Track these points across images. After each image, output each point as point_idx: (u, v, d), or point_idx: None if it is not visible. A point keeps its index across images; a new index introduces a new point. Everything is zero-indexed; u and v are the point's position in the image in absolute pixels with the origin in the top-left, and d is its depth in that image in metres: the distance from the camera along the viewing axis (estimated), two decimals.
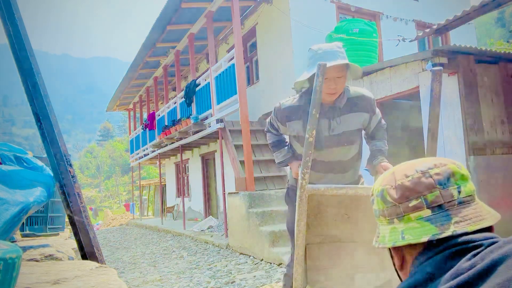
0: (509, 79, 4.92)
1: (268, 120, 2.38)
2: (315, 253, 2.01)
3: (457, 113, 4.54)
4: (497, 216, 0.78)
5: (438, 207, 0.77)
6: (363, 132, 2.32)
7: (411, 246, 0.80)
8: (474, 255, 0.68)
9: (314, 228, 1.98)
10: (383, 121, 2.32)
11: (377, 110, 2.27)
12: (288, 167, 2.35)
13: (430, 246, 0.76)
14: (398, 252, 0.84)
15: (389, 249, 0.87)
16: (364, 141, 2.36)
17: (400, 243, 0.78)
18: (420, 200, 0.78)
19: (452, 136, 4.60)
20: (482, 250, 0.69)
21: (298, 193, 1.77)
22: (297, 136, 2.17)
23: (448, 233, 0.73)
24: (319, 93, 1.64)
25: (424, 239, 0.74)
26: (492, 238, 0.72)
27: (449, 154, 4.64)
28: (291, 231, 2.21)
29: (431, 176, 0.78)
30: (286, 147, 2.32)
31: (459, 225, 0.73)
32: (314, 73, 1.96)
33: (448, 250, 0.72)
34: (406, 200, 0.79)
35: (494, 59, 4.82)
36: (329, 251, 2.03)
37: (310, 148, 1.71)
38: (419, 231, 0.76)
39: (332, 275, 2.03)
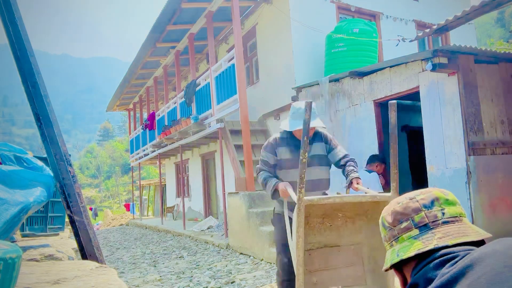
0: (509, 79, 4.92)
1: (258, 166, 2.93)
2: (306, 258, 2.33)
3: (457, 113, 4.53)
4: (483, 234, 0.86)
5: (424, 226, 0.88)
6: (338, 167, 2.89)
7: (407, 265, 0.90)
8: (452, 265, 0.76)
9: (305, 236, 2.30)
10: (350, 156, 2.88)
11: (340, 146, 2.92)
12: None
13: (419, 262, 0.85)
14: (400, 273, 0.94)
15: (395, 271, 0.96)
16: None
17: (396, 260, 0.89)
18: (409, 221, 0.91)
19: (452, 136, 4.60)
20: (459, 260, 0.77)
21: (297, 204, 2.10)
22: (284, 160, 2.81)
23: (430, 246, 0.83)
24: (308, 124, 2.10)
25: (412, 253, 0.85)
26: (470, 250, 0.80)
27: (449, 154, 4.64)
28: (278, 244, 2.81)
29: (417, 201, 0.92)
30: (275, 178, 2.84)
31: (441, 240, 0.84)
32: (297, 128, 2.69)
33: (431, 263, 0.81)
34: (398, 222, 0.92)
35: (494, 59, 4.82)
36: (317, 255, 2.41)
37: (304, 167, 2.11)
38: (409, 248, 0.87)
39: (322, 276, 2.39)
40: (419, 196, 0.93)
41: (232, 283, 4.64)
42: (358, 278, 2.38)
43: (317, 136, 2.88)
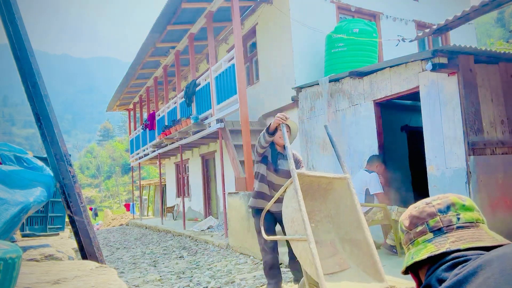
0: (509, 79, 4.92)
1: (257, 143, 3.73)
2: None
3: (457, 113, 4.53)
4: (499, 241, 0.87)
5: (438, 231, 0.91)
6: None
7: (422, 268, 0.92)
8: (463, 267, 0.78)
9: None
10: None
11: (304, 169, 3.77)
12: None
13: (432, 265, 0.87)
14: (415, 276, 0.97)
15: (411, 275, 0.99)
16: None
17: (410, 262, 0.92)
18: (424, 225, 0.94)
19: (452, 136, 4.60)
20: (470, 262, 0.79)
21: (292, 174, 2.75)
22: (266, 156, 3.81)
23: (442, 249, 0.85)
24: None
25: (424, 256, 0.88)
26: (482, 253, 0.82)
27: (449, 154, 4.64)
28: (258, 232, 3.77)
29: (433, 206, 0.95)
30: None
31: (454, 244, 0.86)
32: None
33: (443, 265, 0.83)
34: (414, 226, 0.96)
35: (494, 59, 4.82)
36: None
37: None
38: (423, 250, 0.91)
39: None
40: (436, 201, 0.95)
41: (232, 283, 4.64)
42: (342, 264, 2.93)
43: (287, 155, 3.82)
